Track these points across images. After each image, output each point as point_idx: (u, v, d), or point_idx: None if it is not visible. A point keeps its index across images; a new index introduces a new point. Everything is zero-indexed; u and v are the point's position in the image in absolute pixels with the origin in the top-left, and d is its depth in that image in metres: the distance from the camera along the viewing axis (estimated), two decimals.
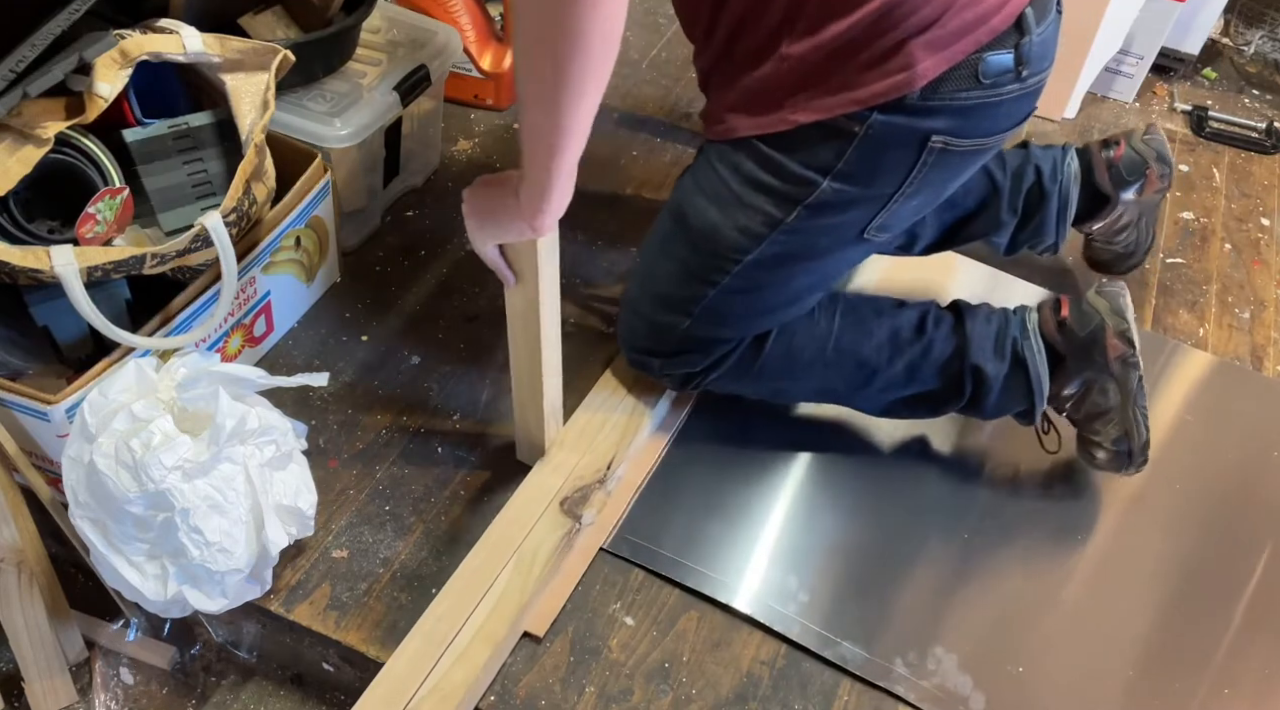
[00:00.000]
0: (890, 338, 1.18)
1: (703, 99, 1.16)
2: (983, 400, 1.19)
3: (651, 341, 1.18)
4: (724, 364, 1.17)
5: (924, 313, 1.20)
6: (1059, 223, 1.37)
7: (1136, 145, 1.38)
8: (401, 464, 1.22)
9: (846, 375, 1.19)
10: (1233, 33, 2.17)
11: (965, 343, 1.17)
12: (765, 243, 1.06)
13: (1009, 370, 1.17)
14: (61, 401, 1.01)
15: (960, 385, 1.18)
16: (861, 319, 1.19)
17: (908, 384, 1.19)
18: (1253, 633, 1.16)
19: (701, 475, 1.23)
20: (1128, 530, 1.24)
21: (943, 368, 1.18)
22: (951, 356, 1.17)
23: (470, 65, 1.64)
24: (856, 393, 1.21)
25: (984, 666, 1.09)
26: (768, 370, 1.18)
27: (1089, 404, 1.20)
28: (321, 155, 1.26)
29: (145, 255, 1.04)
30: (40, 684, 1.11)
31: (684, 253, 1.11)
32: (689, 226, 1.10)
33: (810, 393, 1.23)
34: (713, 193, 1.07)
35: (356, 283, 1.42)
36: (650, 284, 1.16)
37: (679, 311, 1.13)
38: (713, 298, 1.11)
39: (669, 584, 1.13)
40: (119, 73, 1.06)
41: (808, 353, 1.17)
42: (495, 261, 0.99)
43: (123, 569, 0.98)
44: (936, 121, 0.96)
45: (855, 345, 1.17)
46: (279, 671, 1.17)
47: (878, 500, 1.23)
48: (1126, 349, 1.16)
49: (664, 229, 1.15)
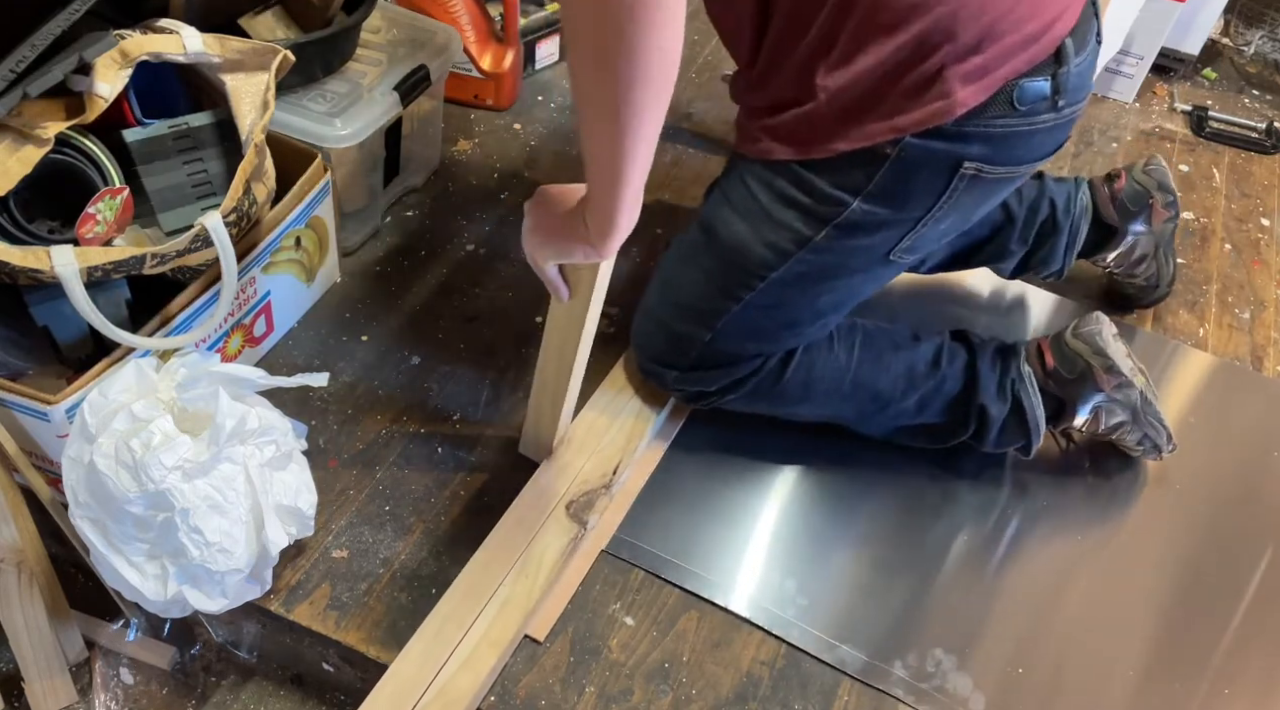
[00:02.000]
0: (906, 372, 1.19)
1: (703, 99, 1.16)
2: (984, 436, 1.22)
3: (669, 352, 1.17)
4: (742, 387, 1.17)
5: (938, 348, 1.22)
6: (1066, 253, 1.39)
7: (1138, 176, 1.39)
8: (401, 464, 1.22)
9: (860, 405, 1.20)
10: (1233, 33, 2.17)
11: (974, 382, 1.19)
12: (792, 261, 1.05)
13: (1010, 411, 1.20)
14: (61, 401, 1.01)
15: (965, 422, 1.21)
16: (879, 353, 1.20)
17: (916, 415, 1.21)
18: (1253, 633, 1.16)
19: (701, 478, 1.23)
20: (1127, 531, 1.24)
21: (951, 404, 1.20)
22: (960, 393, 1.20)
23: (470, 65, 1.64)
24: (866, 420, 1.23)
25: (984, 668, 1.09)
26: (784, 396, 1.18)
27: (1104, 425, 1.24)
28: (321, 155, 1.26)
29: (145, 255, 1.04)
30: (40, 684, 1.11)
31: (710, 265, 1.11)
32: (717, 239, 1.10)
33: (820, 417, 1.24)
34: (743, 207, 1.07)
35: (356, 283, 1.42)
36: (672, 292, 1.16)
37: (700, 324, 1.13)
38: (736, 313, 1.10)
39: (669, 584, 1.13)
40: (119, 73, 1.06)
41: (825, 383, 1.18)
42: (554, 279, 0.99)
43: (123, 569, 0.98)
44: (970, 147, 0.96)
45: (873, 378, 1.19)
46: (279, 671, 1.17)
47: (876, 504, 1.24)
48: (1119, 379, 1.20)
49: (691, 239, 1.14)
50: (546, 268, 0.98)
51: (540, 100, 1.78)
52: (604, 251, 0.92)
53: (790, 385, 1.17)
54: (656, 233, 1.53)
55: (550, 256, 0.96)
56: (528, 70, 1.80)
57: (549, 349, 1.09)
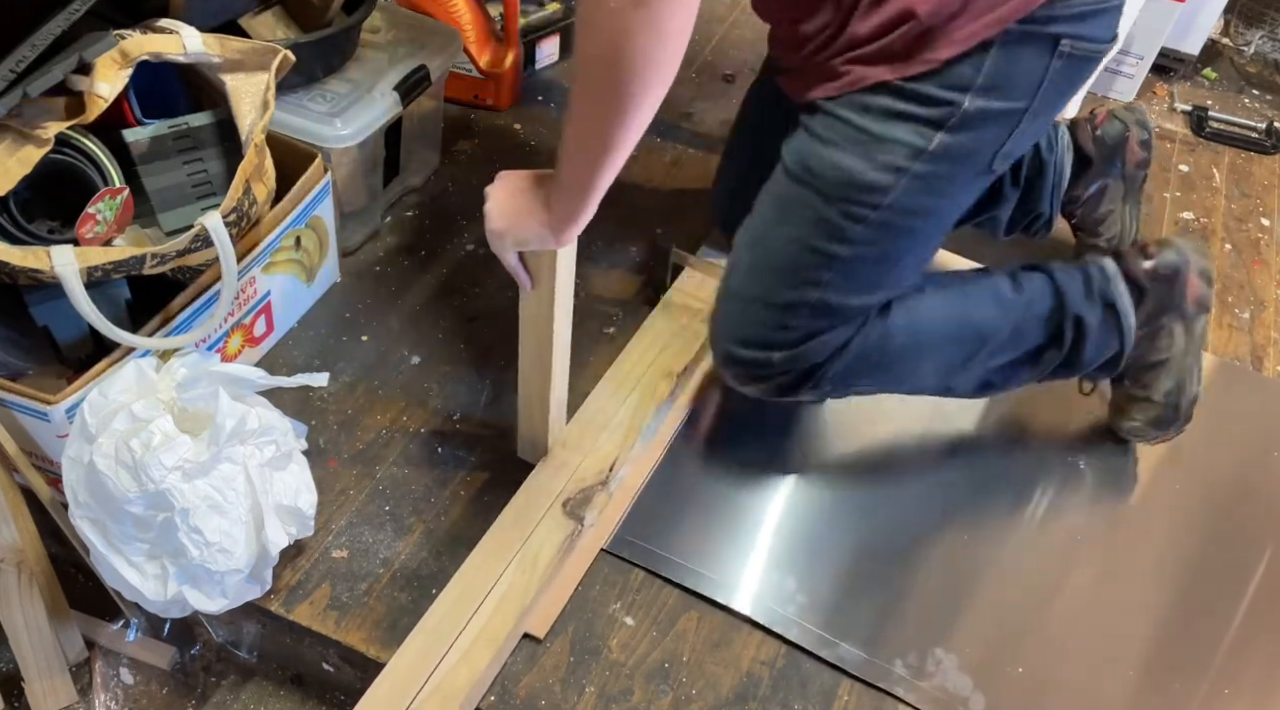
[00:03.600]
0: (994, 301, 1.18)
1: (703, 99, 1.15)
2: (1081, 349, 1.20)
3: (773, 330, 1.11)
4: (847, 351, 1.12)
5: (1011, 275, 1.21)
6: (1053, 194, 1.41)
7: (1118, 113, 1.44)
8: (401, 464, 1.22)
9: (964, 347, 1.18)
10: (1233, 33, 2.17)
11: (1061, 293, 1.19)
12: (906, 178, 1.03)
13: (1102, 315, 1.20)
14: (61, 401, 1.01)
15: (1061, 337, 1.19)
16: (963, 289, 1.19)
17: (1013, 345, 1.19)
18: (1253, 633, 1.16)
19: (701, 476, 1.23)
20: (1127, 530, 1.24)
21: (1045, 321, 1.19)
22: (1052, 309, 1.19)
23: (470, 65, 1.64)
24: (968, 365, 1.19)
25: (984, 667, 1.09)
26: (890, 353, 1.15)
27: (1152, 350, 1.23)
28: (321, 155, 1.26)
29: (145, 255, 1.04)
30: (40, 684, 1.11)
31: (813, 211, 1.06)
32: (818, 178, 1.05)
33: (927, 375, 1.20)
34: (843, 138, 1.04)
35: (356, 283, 1.42)
36: (769, 257, 1.10)
37: (806, 283, 1.08)
38: (845, 259, 1.06)
39: (669, 584, 1.13)
40: (119, 73, 1.06)
41: (929, 328, 1.16)
42: (514, 266, 1.00)
43: (123, 569, 0.98)
44: (1061, 27, 0.98)
45: (967, 313, 1.18)
46: (279, 671, 1.17)
47: (877, 502, 1.24)
48: (1206, 289, 1.23)
49: (781, 193, 1.09)
50: (507, 255, 0.98)
51: (540, 100, 1.78)
52: (562, 239, 0.94)
53: (896, 338, 1.14)
54: (656, 232, 1.53)
55: (510, 243, 0.97)
56: (528, 70, 1.80)
57: (526, 346, 1.09)
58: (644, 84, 0.80)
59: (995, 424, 1.33)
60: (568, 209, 0.91)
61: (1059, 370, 1.22)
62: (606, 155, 0.85)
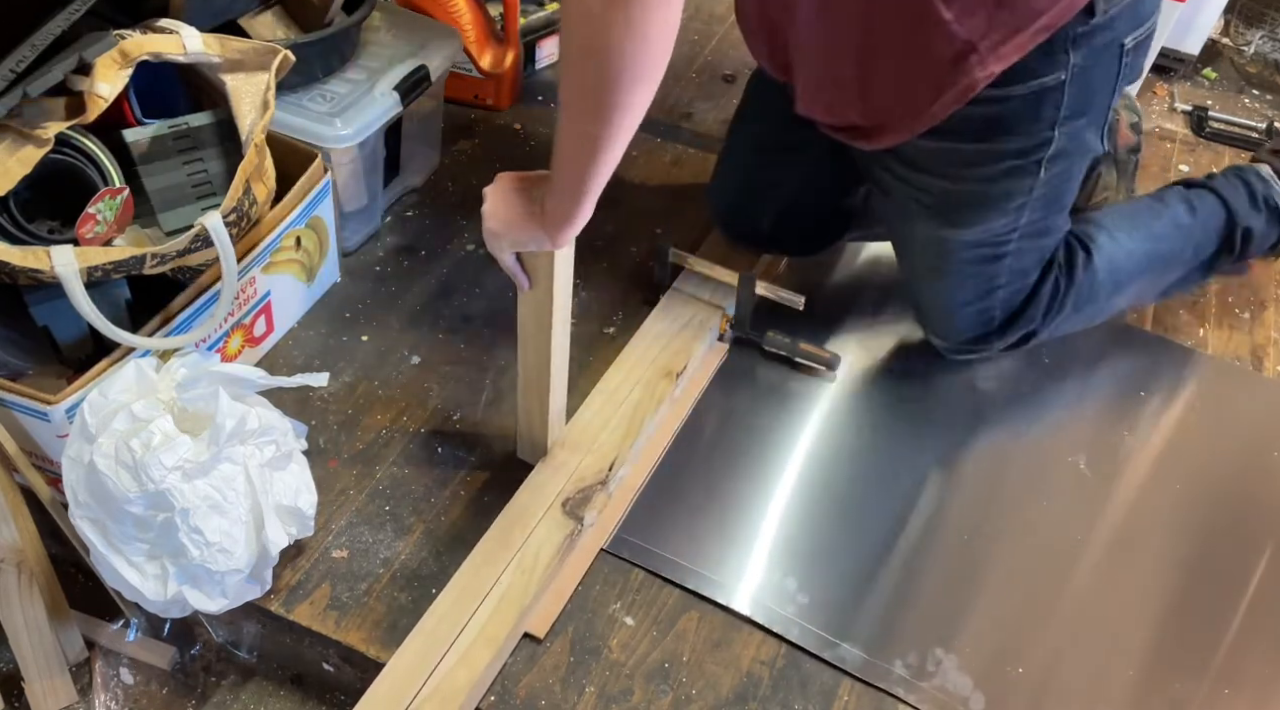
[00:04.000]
0: (1175, 228, 1.34)
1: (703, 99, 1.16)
2: (1248, 249, 1.38)
3: (982, 328, 1.29)
4: (1057, 306, 1.28)
5: (1184, 197, 1.36)
6: None
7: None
8: (401, 464, 1.22)
9: (1156, 277, 1.35)
10: (1233, 33, 2.17)
11: (1229, 208, 1.36)
12: (1054, 142, 1.10)
13: (1266, 218, 1.37)
14: (61, 401, 1.01)
15: (1232, 244, 1.37)
16: (1146, 224, 1.34)
17: (1195, 261, 1.37)
18: (1253, 633, 1.16)
19: (701, 476, 1.23)
20: (1128, 531, 1.24)
21: (1219, 234, 1.36)
22: (1225, 222, 1.36)
23: (470, 65, 1.64)
24: (1155, 286, 1.38)
25: (984, 668, 1.09)
26: (1099, 299, 1.31)
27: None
28: (322, 155, 1.26)
29: (145, 255, 1.04)
30: (40, 684, 1.11)
31: (971, 248, 1.20)
32: (962, 225, 1.17)
33: (1120, 304, 1.36)
34: (954, 173, 1.13)
35: (356, 283, 1.42)
36: (955, 293, 1.25)
37: (992, 281, 1.23)
38: (1014, 248, 1.20)
39: (669, 584, 1.13)
40: (119, 73, 1.06)
41: (1124, 270, 1.31)
42: (512, 267, 1.00)
43: (123, 569, 0.98)
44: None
45: (1155, 245, 1.33)
46: (279, 671, 1.17)
47: (877, 502, 1.23)
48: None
49: (931, 238, 1.22)
50: (504, 256, 0.99)
51: (540, 100, 1.78)
52: (558, 241, 0.94)
53: (1103, 285, 1.30)
54: (656, 232, 1.53)
55: (507, 244, 0.97)
56: (528, 70, 1.80)
57: (525, 346, 1.09)
58: (627, 85, 0.78)
59: (995, 424, 1.33)
60: (563, 211, 0.90)
61: (1229, 267, 1.41)
62: (597, 156, 0.84)
